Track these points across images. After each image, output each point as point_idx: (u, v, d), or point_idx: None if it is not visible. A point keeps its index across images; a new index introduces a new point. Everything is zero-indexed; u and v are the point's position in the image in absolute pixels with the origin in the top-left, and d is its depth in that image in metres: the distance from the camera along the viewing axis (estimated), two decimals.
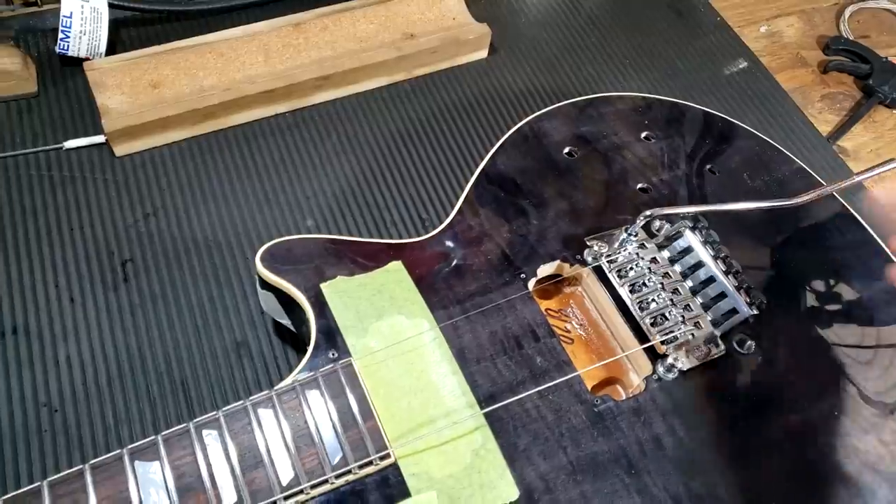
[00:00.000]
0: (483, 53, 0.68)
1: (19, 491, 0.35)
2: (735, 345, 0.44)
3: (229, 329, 0.51)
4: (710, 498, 0.39)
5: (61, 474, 0.35)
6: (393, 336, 0.42)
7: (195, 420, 0.38)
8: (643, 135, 0.55)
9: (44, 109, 0.60)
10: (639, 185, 0.51)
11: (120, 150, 0.58)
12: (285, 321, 0.47)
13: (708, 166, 0.54)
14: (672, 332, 0.43)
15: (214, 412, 0.38)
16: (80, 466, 0.36)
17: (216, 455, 0.37)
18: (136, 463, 0.36)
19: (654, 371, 0.43)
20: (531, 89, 0.67)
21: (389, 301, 0.43)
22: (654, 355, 0.43)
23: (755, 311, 0.44)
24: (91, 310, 0.51)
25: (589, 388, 0.43)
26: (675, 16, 0.74)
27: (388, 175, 0.60)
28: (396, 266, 0.45)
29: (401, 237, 0.56)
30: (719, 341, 0.44)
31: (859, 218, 0.53)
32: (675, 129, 0.56)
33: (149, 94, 0.59)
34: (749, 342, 0.44)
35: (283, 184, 0.58)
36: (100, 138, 0.58)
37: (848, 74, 0.74)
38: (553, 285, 0.48)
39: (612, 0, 0.75)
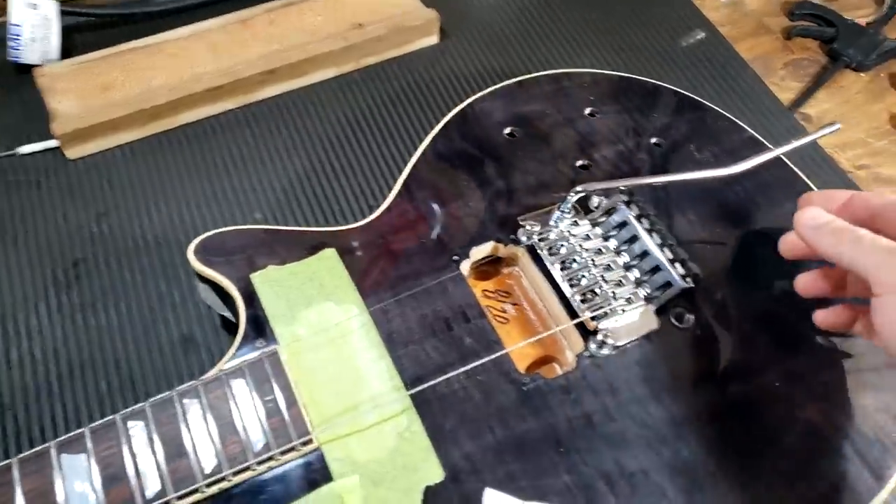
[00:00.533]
0: (433, 39, 0.68)
1: None
2: (673, 318, 0.44)
3: (177, 324, 0.52)
4: (642, 474, 0.39)
5: None
6: (321, 323, 0.42)
7: (122, 412, 0.38)
8: (587, 111, 0.54)
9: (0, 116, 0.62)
10: (579, 163, 0.51)
11: (72, 153, 0.59)
12: (226, 313, 0.47)
13: (653, 140, 0.53)
14: (602, 307, 0.43)
15: (141, 403, 0.38)
16: (8, 461, 0.36)
17: (141, 445, 0.37)
18: (63, 456, 0.37)
19: (586, 348, 0.42)
20: (483, 72, 0.67)
21: (319, 288, 0.44)
22: (586, 332, 0.43)
23: (689, 284, 0.43)
24: (43, 310, 0.52)
25: (524, 368, 0.43)
26: None
27: (337, 166, 0.60)
28: (329, 253, 0.45)
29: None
30: (653, 315, 0.43)
31: (809, 183, 0.52)
32: (621, 103, 0.55)
33: (98, 96, 0.60)
34: (688, 316, 0.44)
35: (231, 180, 0.59)
36: (53, 143, 0.59)
37: (813, 39, 0.72)
38: (492, 266, 0.48)
39: None
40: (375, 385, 0.40)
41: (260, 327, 0.42)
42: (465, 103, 0.54)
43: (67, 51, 0.64)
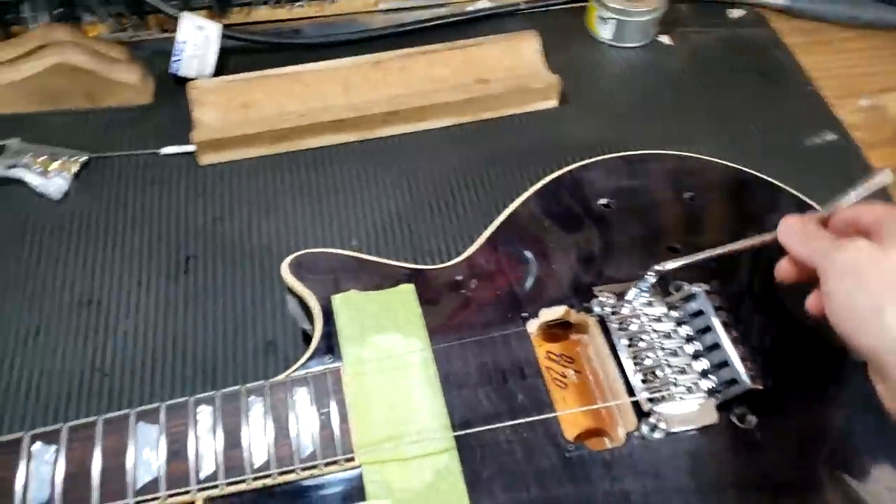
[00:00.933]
0: (553, 103, 0.70)
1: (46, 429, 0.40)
2: (735, 417, 0.43)
3: (263, 329, 0.56)
4: None
5: (83, 420, 0.41)
6: (386, 351, 0.44)
7: (195, 396, 0.42)
8: (687, 195, 0.54)
9: (152, 119, 0.70)
10: (669, 245, 0.51)
11: (204, 159, 0.66)
12: (307, 326, 0.51)
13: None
14: (660, 390, 0.42)
15: (213, 392, 0.42)
16: (95, 418, 0.41)
17: (205, 430, 0.41)
18: (140, 423, 0.41)
19: (638, 428, 0.42)
20: (595, 142, 0.68)
21: (392, 319, 0.46)
22: (641, 412, 0.42)
23: (756, 385, 0.42)
24: (153, 294, 0.58)
25: (573, 435, 0.43)
26: (761, 81, 0.73)
27: (436, 208, 0.63)
28: (407, 288, 0.48)
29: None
30: (713, 409, 0.42)
31: None
32: (725, 193, 0.55)
33: (238, 113, 0.66)
34: (751, 418, 0.42)
35: (338, 206, 0.63)
36: (190, 148, 0.66)
37: None
38: (562, 330, 0.49)
39: (696, 62, 0.75)
40: (424, 420, 0.42)
41: (331, 345, 0.45)
42: (568, 168, 0.56)
43: (220, 69, 0.72)
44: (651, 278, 0.45)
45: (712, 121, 0.70)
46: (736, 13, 0.79)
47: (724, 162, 0.57)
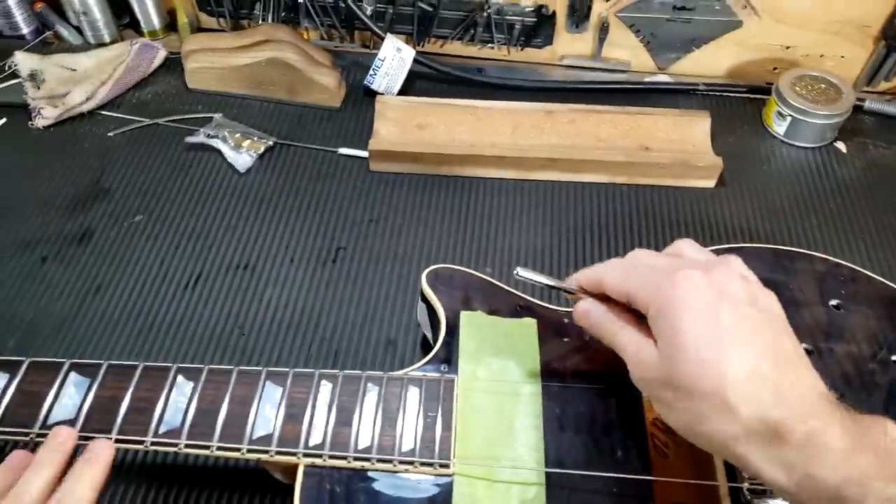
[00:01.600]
0: (710, 183, 0.71)
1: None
2: None
3: (389, 326, 0.60)
4: None
5: (222, 367, 0.46)
6: (499, 375, 0.47)
7: (321, 370, 0.46)
8: (833, 302, 0.53)
9: (338, 121, 0.77)
10: (804, 346, 0.50)
11: (374, 166, 0.71)
12: (429, 334, 0.54)
13: (894, 357, 0.50)
14: (762, 485, 0.41)
15: (337, 371, 0.46)
16: (232, 367, 0.46)
17: (322, 402, 0.44)
18: (268, 382, 0.45)
19: None
20: (745, 229, 0.67)
21: (510, 347, 0.48)
22: (739, 501, 0.42)
23: None
24: (301, 273, 0.63)
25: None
26: None
27: (572, 255, 0.65)
28: (530, 322, 0.50)
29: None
30: None
31: None
32: (874, 308, 0.53)
33: (413, 131, 0.72)
34: None
35: (482, 233, 0.67)
36: (364, 153, 0.72)
37: None
38: None
39: (869, 174, 0.72)
40: (521, 449, 0.43)
41: (450, 356, 0.48)
42: (713, 247, 0.56)
43: (405, 90, 0.78)
44: None
45: (877, 237, 0.67)
46: None
47: (881, 279, 0.55)
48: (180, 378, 0.45)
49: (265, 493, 0.50)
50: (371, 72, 0.76)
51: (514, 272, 0.44)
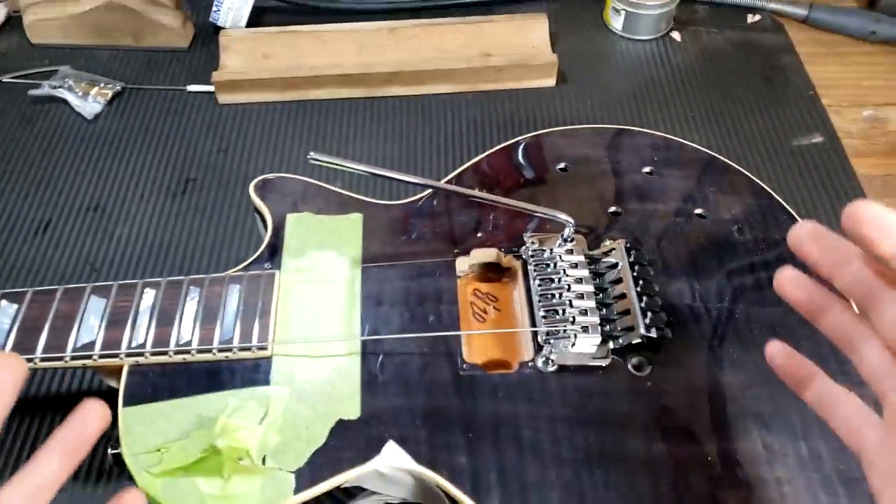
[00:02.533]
0: (551, 82, 0.73)
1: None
2: (631, 364, 0.44)
3: (239, 249, 0.61)
4: (536, 487, 0.40)
5: (47, 287, 0.47)
6: (319, 264, 0.49)
7: (145, 280, 0.47)
8: (646, 169, 0.56)
9: (188, 61, 0.77)
10: (612, 209, 0.53)
11: (223, 98, 0.72)
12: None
13: (698, 210, 0.53)
14: (557, 327, 0.44)
15: (160, 278, 0.47)
16: (58, 287, 0.47)
17: (146, 307, 0.46)
18: (92, 296, 0.46)
19: (533, 359, 0.44)
20: (585, 122, 0.70)
21: (334, 240, 0.50)
22: (539, 346, 0.45)
23: (650, 334, 0.44)
24: (151, 207, 0.64)
25: (478, 361, 0.46)
26: (763, 83, 0.73)
27: (423, 164, 0.67)
28: (357, 217, 0.52)
29: None
30: (609, 353, 0.44)
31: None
32: (685, 171, 0.56)
33: (259, 61, 0.72)
34: (648, 368, 0.44)
35: (333, 151, 0.68)
36: (212, 88, 0.72)
37: None
38: (495, 274, 0.52)
39: (703, 60, 0.76)
40: (338, 327, 0.46)
41: (274, 255, 0.50)
42: (539, 132, 0.59)
43: (255, 23, 0.78)
44: (571, 228, 0.47)
45: (706, 115, 0.70)
46: (754, 18, 0.79)
47: (691, 144, 0.58)
48: (4, 303, 0.46)
49: None
50: (214, 7, 0.76)
51: (308, 156, 0.45)
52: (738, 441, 0.42)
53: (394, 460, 0.41)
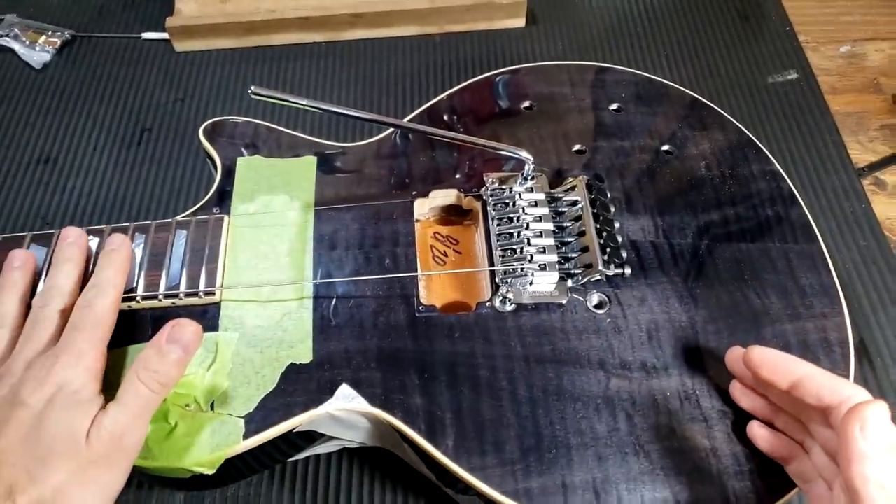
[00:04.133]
0: (520, 22, 0.70)
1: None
2: (592, 303, 0.43)
3: (196, 197, 0.59)
4: (491, 424, 0.39)
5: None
6: (270, 208, 0.47)
7: (87, 227, 0.45)
8: (613, 106, 0.54)
9: (142, 7, 0.74)
10: (576, 147, 0.51)
11: (179, 46, 0.69)
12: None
13: (666, 147, 0.52)
14: (514, 266, 0.43)
15: (104, 225, 0.45)
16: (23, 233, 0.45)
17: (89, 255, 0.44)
18: (33, 245, 0.44)
19: (491, 299, 0.43)
20: (557, 60, 0.68)
21: (286, 184, 0.48)
22: (497, 286, 0.43)
23: (608, 270, 0.42)
24: (105, 159, 0.62)
25: (437, 304, 0.45)
26: (739, 19, 0.70)
27: (385, 110, 0.65)
28: (310, 159, 0.50)
29: None
30: (567, 291, 0.43)
31: (814, 229, 0.48)
32: (653, 107, 0.54)
33: (215, 5, 0.69)
34: (607, 306, 0.43)
35: None
36: (167, 35, 0.69)
37: None
38: (456, 217, 0.50)
39: None
40: (288, 271, 0.44)
41: (224, 200, 0.48)
42: (504, 69, 0.56)
43: None
44: (530, 165, 0.45)
45: (681, 52, 0.68)
46: None
47: (658, 79, 0.56)
48: None
49: None
50: None
51: (248, 90, 0.43)
52: (698, 376, 0.41)
53: (347, 403, 0.40)
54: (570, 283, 0.43)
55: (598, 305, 0.43)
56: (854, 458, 0.30)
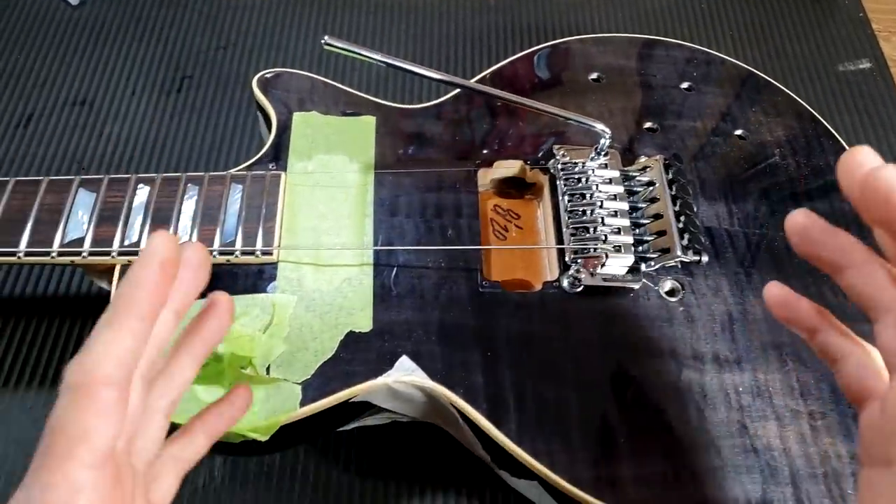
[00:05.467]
0: None
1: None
2: (665, 289, 0.41)
3: (238, 154, 0.57)
4: (555, 408, 0.37)
5: (30, 178, 0.43)
6: (328, 167, 0.45)
7: (138, 175, 0.43)
8: (685, 85, 0.52)
9: None
10: (648, 125, 0.49)
11: None
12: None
13: (739, 132, 0.49)
14: (587, 245, 0.41)
15: (154, 174, 0.43)
16: (43, 178, 0.43)
17: (139, 204, 0.42)
18: (81, 189, 0.42)
19: (558, 279, 0.41)
20: (621, 31, 0.65)
21: (344, 143, 0.46)
22: (566, 266, 0.42)
23: (688, 257, 0.40)
24: (143, 105, 0.59)
25: (498, 278, 0.43)
26: (811, 1, 0.67)
27: (440, 64, 0.62)
28: (369, 120, 0.48)
29: None
30: (640, 275, 0.41)
31: None
32: (727, 90, 0.52)
33: None
34: (680, 294, 0.41)
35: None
36: None
37: None
38: (517, 191, 0.48)
39: None
40: (348, 235, 0.42)
41: (280, 155, 0.45)
42: (573, 38, 0.54)
43: None
44: (607, 139, 0.43)
45: (750, 33, 0.66)
46: None
47: (731, 59, 0.54)
48: None
49: None
50: None
51: (322, 41, 0.41)
52: (771, 373, 0.39)
53: (407, 376, 0.38)
54: (643, 267, 0.41)
55: (671, 292, 0.41)
56: None
